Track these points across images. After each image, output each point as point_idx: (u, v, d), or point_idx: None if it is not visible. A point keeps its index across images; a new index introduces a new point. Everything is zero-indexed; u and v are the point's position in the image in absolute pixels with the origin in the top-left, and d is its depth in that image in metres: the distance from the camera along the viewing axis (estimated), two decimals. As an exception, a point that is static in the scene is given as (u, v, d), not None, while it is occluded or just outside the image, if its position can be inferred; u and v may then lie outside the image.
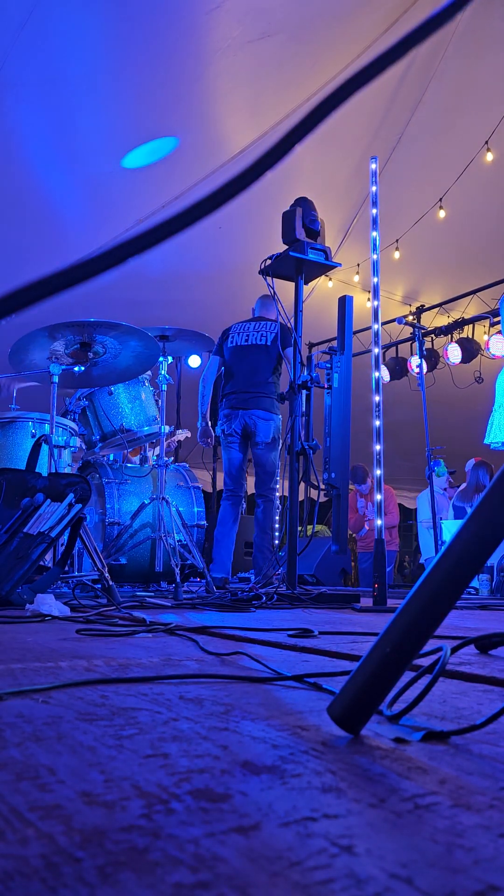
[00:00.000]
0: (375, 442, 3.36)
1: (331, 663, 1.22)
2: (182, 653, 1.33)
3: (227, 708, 0.81)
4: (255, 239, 6.08)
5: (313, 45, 5.67)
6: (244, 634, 1.64)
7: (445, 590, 0.64)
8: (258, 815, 0.47)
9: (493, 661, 1.28)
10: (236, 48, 5.41)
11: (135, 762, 0.58)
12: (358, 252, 7.21)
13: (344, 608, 3.08)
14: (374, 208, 3.61)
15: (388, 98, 6.39)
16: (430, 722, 0.76)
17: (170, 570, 3.93)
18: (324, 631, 1.77)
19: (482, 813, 0.48)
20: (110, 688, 0.93)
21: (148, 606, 2.71)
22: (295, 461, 3.71)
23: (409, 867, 0.39)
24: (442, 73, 6.32)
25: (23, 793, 0.50)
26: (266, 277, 3.94)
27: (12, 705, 0.81)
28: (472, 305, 7.77)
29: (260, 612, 2.67)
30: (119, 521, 4.02)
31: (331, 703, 0.70)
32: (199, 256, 6.87)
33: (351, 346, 3.86)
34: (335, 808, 0.49)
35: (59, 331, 3.36)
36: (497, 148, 6.67)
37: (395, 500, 7.69)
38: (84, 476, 2.98)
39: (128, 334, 3.45)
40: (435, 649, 0.85)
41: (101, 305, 4.80)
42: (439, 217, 7.19)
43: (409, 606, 0.65)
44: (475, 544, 0.64)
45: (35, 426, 3.78)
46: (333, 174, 6.68)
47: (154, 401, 4.29)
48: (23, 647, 1.37)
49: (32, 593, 2.52)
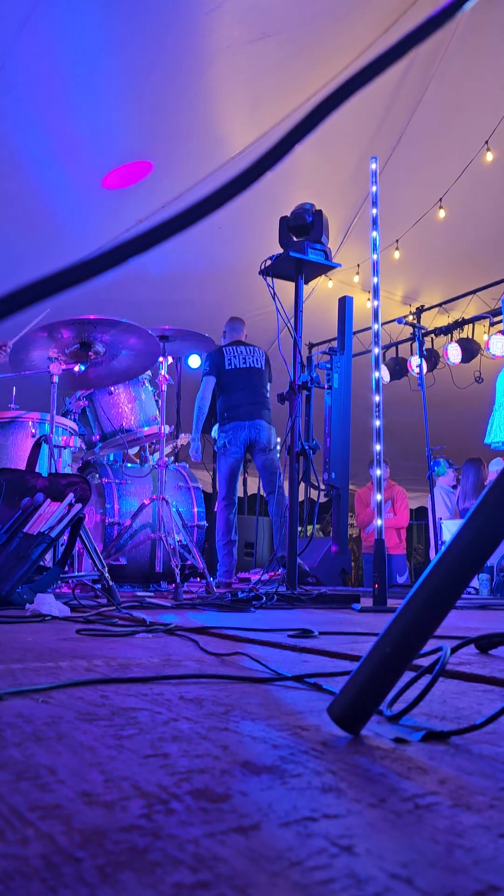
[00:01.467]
0: (375, 442, 3.36)
1: (331, 663, 1.22)
2: (182, 653, 1.33)
3: (227, 708, 0.81)
4: (255, 239, 6.07)
5: (313, 45, 5.67)
6: (244, 635, 1.64)
7: (445, 590, 0.64)
8: (258, 815, 0.47)
9: (493, 661, 1.28)
10: (236, 48, 5.40)
11: (135, 762, 0.58)
12: (358, 252, 7.20)
13: (344, 608, 3.08)
14: (374, 208, 3.60)
15: (388, 98, 6.38)
16: (430, 722, 0.76)
17: (170, 571, 3.92)
18: (324, 631, 1.77)
19: (482, 813, 0.48)
20: (110, 688, 0.93)
21: (148, 607, 2.71)
22: (295, 461, 3.71)
23: (409, 867, 0.39)
24: (442, 73, 6.31)
25: (23, 793, 0.50)
26: (266, 278, 3.94)
27: (12, 705, 0.81)
28: (472, 305, 7.77)
29: (260, 612, 2.67)
30: (119, 521, 4.02)
31: (331, 703, 0.70)
32: (199, 256, 6.86)
33: (351, 346, 3.87)
34: (335, 808, 0.48)
35: (58, 330, 3.36)
36: (497, 148, 6.66)
37: (406, 502, 7.53)
38: (84, 476, 2.98)
39: (127, 332, 3.45)
40: (435, 649, 0.85)
41: (101, 305, 4.79)
42: (439, 217, 7.18)
43: (409, 606, 0.65)
44: (475, 544, 0.64)
45: (35, 426, 3.78)
46: (333, 174, 6.68)
47: (154, 401, 4.29)
48: (23, 647, 1.37)
49: (32, 593, 2.52)
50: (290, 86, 5.83)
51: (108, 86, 5.43)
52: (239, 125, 6.09)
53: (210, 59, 5.44)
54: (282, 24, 5.37)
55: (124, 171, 5.98)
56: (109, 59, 5.24)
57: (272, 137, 1.90)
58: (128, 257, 0.40)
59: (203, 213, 0.41)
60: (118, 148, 5.95)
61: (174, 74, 5.48)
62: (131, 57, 5.26)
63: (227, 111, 5.99)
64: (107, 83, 5.41)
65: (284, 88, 5.85)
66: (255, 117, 6.06)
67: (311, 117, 0.42)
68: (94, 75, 5.27)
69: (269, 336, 7.75)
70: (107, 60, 5.24)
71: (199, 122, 5.91)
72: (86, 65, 5.16)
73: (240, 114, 6.03)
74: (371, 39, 5.76)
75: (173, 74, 5.48)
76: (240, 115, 6.04)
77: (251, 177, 0.42)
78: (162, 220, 0.40)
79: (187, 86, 5.58)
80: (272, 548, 7.18)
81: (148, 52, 5.23)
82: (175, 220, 0.40)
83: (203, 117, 5.92)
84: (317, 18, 5.50)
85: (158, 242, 0.40)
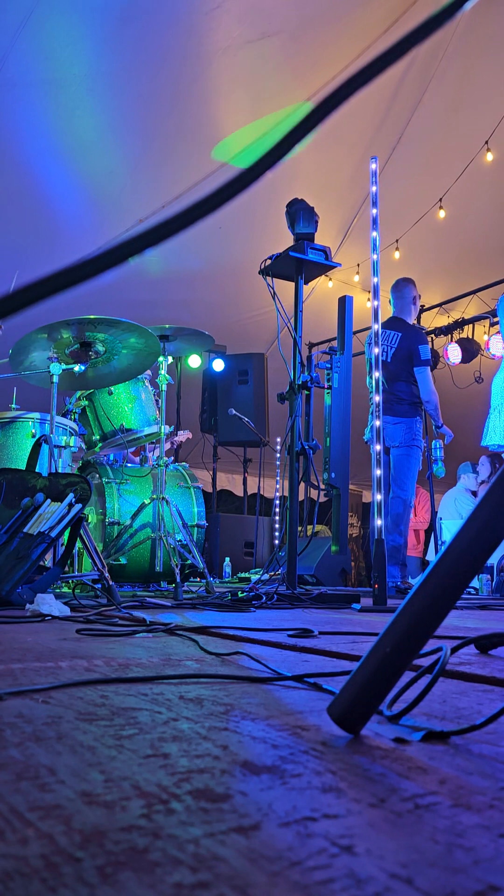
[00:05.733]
0: (375, 442, 3.36)
1: (331, 663, 1.22)
2: (182, 653, 1.33)
3: (227, 708, 0.81)
4: (255, 239, 6.08)
5: (313, 45, 5.67)
6: (244, 634, 1.64)
7: (445, 590, 0.64)
8: (258, 815, 0.47)
9: (493, 661, 1.28)
10: (236, 48, 5.40)
11: (135, 762, 0.58)
12: (358, 252, 7.21)
13: (344, 608, 3.08)
14: (374, 208, 3.60)
15: (388, 98, 6.38)
16: (430, 722, 0.76)
17: (170, 570, 3.92)
18: (324, 631, 1.77)
19: (482, 813, 0.48)
20: (110, 688, 0.93)
21: (148, 606, 2.71)
22: (295, 461, 3.71)
23: (409, 867, 0.39)
24: (442, 73, 6.31)
25: (23, 793, 0.50)
26: (266, 277, 3.94)
27: (12, 705, 0.81)
28: (472, 305, 7.77)
29: (260, 612, 2.67)
30: (119, 521, 4.02)
31: (331, 703, 0.70)
32: (199, 256, 6.86)
33: (351, 346, 3.87)
34: (335, 808, 0.48)
35: (58, 330, 3.36)
36: (497, 148, 6.66)
37: (428, 504, 7.38)
38: (84, 476, 2.98)
39: (127, 331, 3.45)
40: (435, 649, 0.85)
41: (101, 305, 4.79)
42: (439, 217, 7.18)
43: (410, 606, 0.65)
44: (475, 544, 0.64)
45: (35, 426, 3.78)
46: (333, 174, 6.68)
47: (154, 401, 4.29)
48: (23, 647, 1.37)
49: (32, 593, 2.52)
50: (290, 86, 5.83)
51: (108, 86, 5.43)
52: (239, 125, 6.09)
53: (210, 59, 5.44)
54: (282, 23, 5.37)
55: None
56: (109, 59, 5.24)
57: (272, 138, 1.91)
58: (128, 257, 0.40)
59: (203, 213, 0.41)
60: (118, 148, 5.95)
61: (174, 74, 5.48)
62: (131, 57, 5.26)
63: (227, 111, 5.99)
64: (107, 83, 5.41)
65: (284, 88, 5.85)
66: (255, 117, 6.06)
67: (310, 117, 0.42)
68: (94, 75, 5.27)
69: (270, 336, 7.77)
70: (107, 60, 5.24)
71: (199, 122, 5.91)
72: (86, 65, 5.16)
73: (240, 114, 6.03)
74: (371, 39, 5.76)
75: (173, 74, 5.48)
76: (240, 115, 6.04)
77: (251, 177, 0.42)
78: (162, 220, 0.40)
79: (187, 86, 5.58)
80: (272, 548, 7.18)
81: (148, 52, 5.23)
82: (175, 220, 0.40)
83: (203, 117, 5.92)
84: (317, 18, 5.50)
85: (158, 242, 0.40)
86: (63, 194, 6.13)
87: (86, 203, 6.28)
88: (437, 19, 0.42)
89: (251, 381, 7.34)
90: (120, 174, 6.14)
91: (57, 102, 5.40)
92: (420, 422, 4.85)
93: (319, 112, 0.42)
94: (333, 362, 3.75)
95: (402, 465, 4.75)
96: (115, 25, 5.01)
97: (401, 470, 4.75)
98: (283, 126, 5.68)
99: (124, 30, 5.04)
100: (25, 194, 5.95)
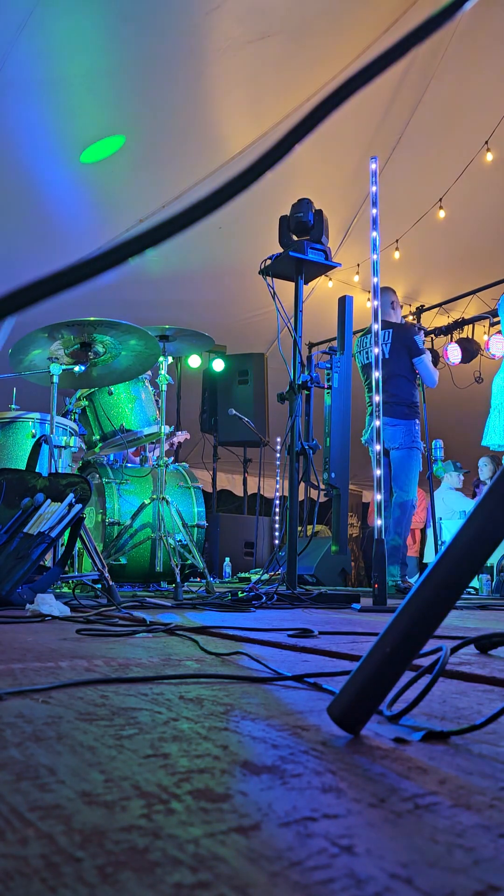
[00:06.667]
0: (375, 442, 3.36)
1: (331, 663, 1.22)
2: (182, 653, 1.33)
3: (227, 708, 0.81)
4: (255, 239, 6.07)
5: (313, 45, 5.67)
6: (244, 634, 1.64)
7: (445, 590, 0.64)
8: (258, 815, 0.47)
9: (493, 661, 1.28)
10: (236, 48, 5.40)
11: (135, 762, 0.58)
12: (358, 252, 7.21)
13: (344, 608, 3.08)
14: (374, 208, 3.60)
15: (388, 98, 6.38)
16: (430, 722, 0.76)
17: (170, 570, 3.92)
18: (324, 631, 1.77)
19: (482, 813, 0.48)
20: (110, 688, 0.93)
21: (148, 606, 2.71)
22: (295, 461, 3.71)
23: (409, 867, 0.39)
24: (442, 73, 6.32)
25: (23, 793, 0.50)
26: (266, 277, 3.94)
27: (12, 705, 0.81)
28: (472, 305, 7.78)
29: (260, 612, 2.67)
30: (119, 521, 4.02)
31: (331, 703, 0.70)
32: (199, 256, 6.86)
33: (351, 346, 3.86)
34: (335, 808, 0.48)
35: (59, 330, 3.36)
36: (497, 148, 6.67)
37: (425, 503, 7.43)
38: (84, 476, 2.97)
39: (127, 333, 3.45)
40: (435, 649, 0.85)
41: (101, 305, 4.80)
42: (439, 217, 7.18)
43: (409, 606, 0.65)
44: (475, 544, 0.64)
45: (35, 426, 3.78)
46: (333, 174, 6.68)
47: (154, 401, 4.29)
48: (23, 647, 1.37)
49: (32, 593, 2.52)
50: (290, 86, 5.83)
51: (108, 86, 5.43)
52: (239, 125, 6.09)
53: (210, 59, 5.44)
54: (282, 23, 5.37)
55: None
56: (109, 59, 5.24)
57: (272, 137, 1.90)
58: (128, 257, 0.40)
59: (203, 213, 0.41)
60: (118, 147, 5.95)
61: (174, 74, 5.48)
62: (131, 57, 5.26)
63: (227, 111, 5.99)
64: (107, 83, 5.41)
65: (284, 88, 5.85)
66: (255, 117, 6.06)
67: (310, 117, 0.42)
68: (93, 75, 5.27)
69: (270, 336, 7.77)
70: (107, 60, 5.24)
71: (199, 122, 5.91)
72: (86, 65, 5.16)
73: (240, 114, 6.03)
74: (371, 39, 5.76)
75: (173, 74, 5.48)
76: (240, 116, 6.04)
77: (251, 177, 0.41)
78: (162, 220, 0.40)
79: (187, 86, 5.58)
80: (272, 548, 7.18)
81: (148, 52, 5.23)
82: (175, 220, 0.40)
83: (203, 117, 5.91)
84: (317, 18, 5.50)
85: (158, 242, 0.40)
86: (63, 194, 6.13)
87: (86, 203, 6.28)
88: (436, 19, 0.42)
89: (251, 381, 7.34)
90: (120, 174, 6.14)
91: (57, 102, 5.39)
92: (418, 424, 4.84)
93: (319, 112, 0.42)
94: (333, 362, 3.75)
95: (403, 466, 4.75)
96: (115, 25, 5.01)
97: (402, 472, 4.74)
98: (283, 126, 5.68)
99: (124, 30, 5.04)
100: (25, 194, 5.95)
